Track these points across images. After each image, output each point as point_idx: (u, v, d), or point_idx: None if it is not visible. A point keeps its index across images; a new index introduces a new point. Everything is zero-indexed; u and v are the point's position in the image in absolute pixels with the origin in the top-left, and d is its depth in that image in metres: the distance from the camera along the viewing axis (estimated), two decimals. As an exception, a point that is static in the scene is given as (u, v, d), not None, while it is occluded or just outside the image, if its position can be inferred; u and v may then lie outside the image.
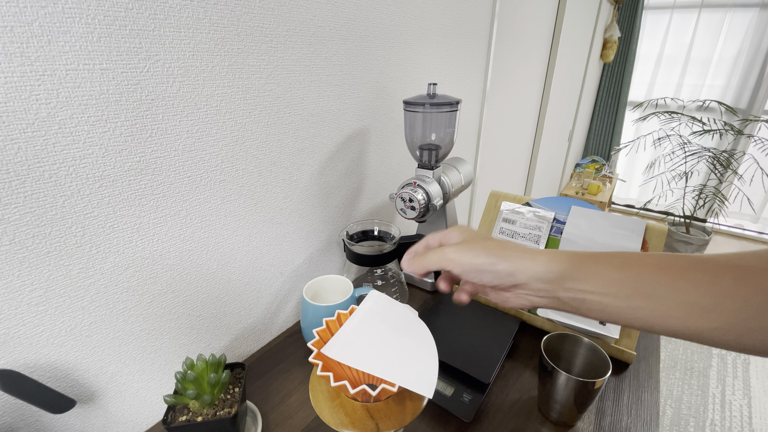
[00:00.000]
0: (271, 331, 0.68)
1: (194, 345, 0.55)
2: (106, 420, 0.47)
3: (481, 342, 0.57)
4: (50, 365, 0.41)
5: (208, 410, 0.43)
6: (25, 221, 0.36)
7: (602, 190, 2.83)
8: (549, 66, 1.83)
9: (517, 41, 1.35)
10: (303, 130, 0.61)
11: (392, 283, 0.68)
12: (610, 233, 0.63)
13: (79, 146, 0.37)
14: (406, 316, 0.40)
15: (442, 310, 0.64)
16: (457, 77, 1.04)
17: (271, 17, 0.51)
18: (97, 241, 0.41)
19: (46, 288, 0.38)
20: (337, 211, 0.74)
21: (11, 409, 0.38)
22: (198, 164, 0.48)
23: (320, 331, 0.38)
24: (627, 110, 3.07)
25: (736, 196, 2.53)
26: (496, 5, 1.09)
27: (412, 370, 0.33)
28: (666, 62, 2.87)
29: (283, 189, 0.61)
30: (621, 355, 0.58)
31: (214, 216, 0.52)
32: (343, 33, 0.63)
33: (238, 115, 0.51)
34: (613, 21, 2.75)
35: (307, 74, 0.59)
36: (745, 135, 2.41)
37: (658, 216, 3.11)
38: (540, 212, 0.69)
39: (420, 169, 0.71)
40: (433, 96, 0.65)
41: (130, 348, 0.47)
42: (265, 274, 0.63)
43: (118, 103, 0.39)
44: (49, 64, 0.34)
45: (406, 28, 0.77)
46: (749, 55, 2.58)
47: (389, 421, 0.35)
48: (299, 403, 0.53)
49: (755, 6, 2.50)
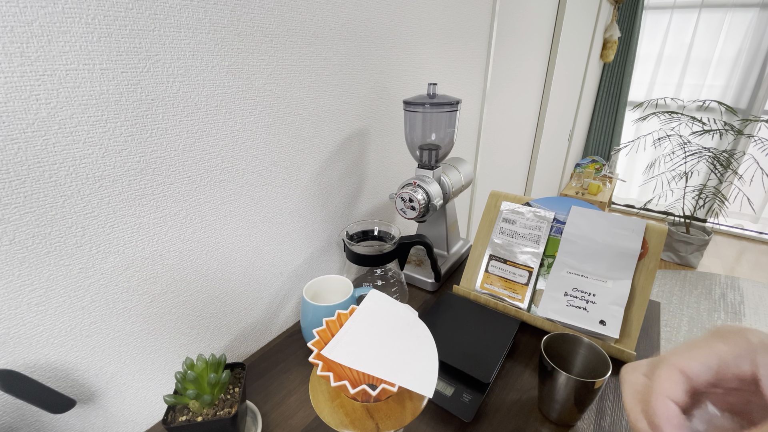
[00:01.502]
0: (271, 331, 0.68)
1: (194, 345, 0.55)
2: (106, 420, 0.47)
3: (481, 342, 0.57)
4: (50, 365, 0.41)
5: (208, 410, 0.43)
6: (25, 221, 0.36)
7: (602, 190, 2.83)
8: (549, 66, 1.83)
9: (517, 41, 1.35)
10: (303, 130, 0.61)
11: (392, 283, 0.68)
12: (610, 233, 0.63)
13: (79, 146, 0.37)
14: (406, 316, 0.40)
15: (442, 310, 0.64)
16: (457, 77, 1.04)
17: (271, 17, 0.51)
18: (97, 241, 0.41)
19: (46, 288, 0.38)
20: (337, 211, 0.74)
21: (11, 409, 0.38)
22: (198, 164, 0.48)
23: (320, 331, 0.38)
24: (627, 110, 3.07)
25: (736, 196, 2.54)
26: (496, 5, 1.09)
27: (412, 370, 0.33)
28: (666, 62, 2.87)
29: (283, 189, 0.61)
30: (621, 355, 0.58)
31: (214, 216, 0.52)
32: (343, 33, 0.63)
33: (238, 115, 0.51)
34: (613, 21, 2.75)
35: (307, 74, 0.59)
36: (745, 135, 2.41)
37: (658, 216, 3.11)
38: (540, 212, 0.69)
39: (420, 169, 0.71)
40: (433, 96, 0.65)
41: (130, 348, 0.47)
42: (265, 274, 0.63)
43: (118, 103, 0.39)
44: (49, 64, 0.34)
45: (406, 28, 0.77)
46: (749, 55, 2.59)
47: (389, 421, 0.35)
48: (299, 403, 0.53)
49: (755, 6, 2.50)
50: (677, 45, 2.79)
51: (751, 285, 2.29)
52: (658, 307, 0.72)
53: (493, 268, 0.70)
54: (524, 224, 0.69)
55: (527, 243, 0.68)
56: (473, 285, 0.70)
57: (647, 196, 3.08)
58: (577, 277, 0.62)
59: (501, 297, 0.67)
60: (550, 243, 0.67)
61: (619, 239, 0.62)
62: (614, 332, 0.57)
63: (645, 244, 0.61)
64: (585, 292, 0.61)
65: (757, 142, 2.39)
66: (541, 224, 0.68)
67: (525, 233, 0.69)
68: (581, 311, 0.60)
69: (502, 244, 0.70)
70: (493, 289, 0.68)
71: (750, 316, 2.02)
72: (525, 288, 0.66)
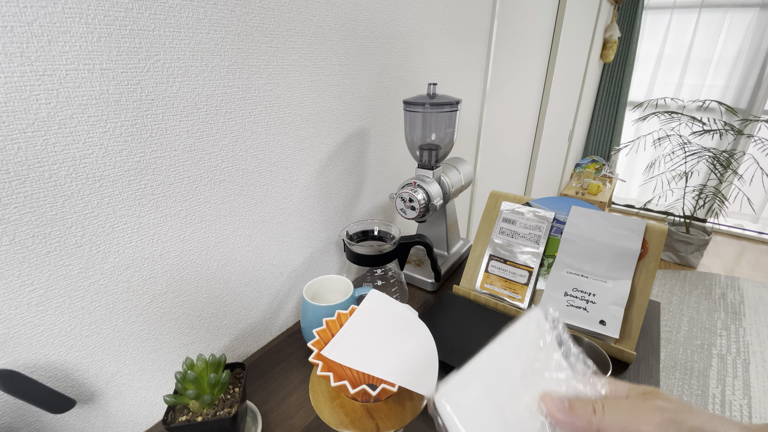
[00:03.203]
0: (271, 331, 0.68)
1: (194, 345, 0.55)
2: (106, 420, 0.47)
3: (481, 342, 0.57)
4: (50, 365, 0.41)
5: (208, 410, 0.43)
6: (25, 221, 0.36)
7: (602, 190, 2.83)
8: (549, 66, 1.83)
9: (517, 41, 1.35)
10: (303, 130, 0.61)
11: (392, 283, 0.68)
12: (610, 233, 0.63)
13: (79, 146, 0.37)
14: (406, 316, 0.40)
15: (442, 310, 0.64)
16: (457, 77, 1.04)
17: (271, 17, 0.51)
18: (97, 241, 0.41)
19: (46, 288, 0.38)
20: (337, 211, 0.74)
21: (11, 409, 0.38)
22: (198, 164, 0.48)
23: (320, 331, 0.38)
24: (627, 110, 3.06)
25: (736, 196, 2.53)
26: (496, 5, 1.09)
27: (412, 370, 0.33)
28: (666, 62, 2.87)
29: (283, 189, 0.61)
30: (621, 355, 0.58)
31: (214, 216, 0.52)
32: (343, 33, 0.63)
33: (238, 115, 0.51)
34: (613, 21, 2.74)
35: (307, 74, 0.59)
36: (745, 135, 2.41)
37: (658, 216, 3.11)
38: (540, 212, 0.69)
39: (420, 169, 0.71)
40: (433, 96, 0.65)
41: (130, 348, 0.47)
42: (265, 274, 0.63)
43: (118, 103, 0.39)
44: (49, 64, 0.34)
45: (406, 28, 0.77)
46: (749, 55, 2.58)
47: (389, 421, 0.35)
48: (299, 403, 0.53)
49: (755, 6, 2.50)
50: (677, 45, 2.79)
51: (751, 285, 2.29)
52: (658, 307, 0.72)
53: (493, 268, 0.70)
54: (524, 224, 0.69)
55: (527, 243, 0.68)
56: (473, 285, 0.70)
57: (647, 196, 3.07)
58: (577, 277, 0.62)
59: (501, 297, 0.67)
60: (550, 243, 0.67)
61: (619, 239, 0.62)
62: (614, 332, 0.57)
63: (645, 244, 0.61)
64: (585, 292, 0.61)
65: (757, 142, 2.39)
66: (541, 224, 0.68)
67: (525, 233, 0.69)
68: (581, 311, 0.60)
69: (502, 244, 0.70)
70: (493, 289, 0.68)
71: (750, 316, 2.02)
72: (525, 288, 0.66)
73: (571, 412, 0.26)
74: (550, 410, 0.27)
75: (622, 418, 0.25)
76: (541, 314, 0.32)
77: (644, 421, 0.24)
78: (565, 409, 0.26)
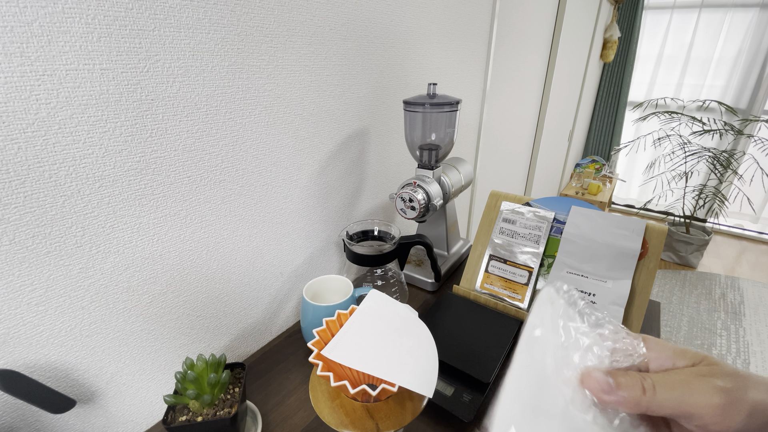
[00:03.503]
0: (271, 331, 0.68)
1: (194, 345, 0.55)
2: (106, 420, 0.47)
3: (481, 342, 0.57)
4: (50, 365, 0.41)
5: (208, 410, 0.43)
6: (25, 221, 0.36)
7: (602, 190, 2.83)
8: (549, 66, 1.83)
9: (517, 41, 1.35)
10: (303, 130, 0.61)
11: (392, 283, 0.68)
12: (610, 233, 0.63)
13: (79, 146, 0.37)
14: (406, 316, 0.40)
15: (442, 310, 0.64)
16: (457, 77, 1.04)
17: (271, 17, 0.51)
18: (97, 241, 0.41)
19: (46, 288, 0.38)
20: (337, 211, 0.74)
21: (11, 409, 0.38)
22: (198, 164, 0.48)
23: (320, 331, 0.38)
24: (627, 110, 3.07)
25: (736, 196, 2.53)
26: (496, 5, 1.09)
27: (412, 370, 0.33)
28: (666, 62, 2.87)
29: (283, 189, 0.61)
30: (621, 355, 0.58)
31: (214, 216, 0.52)
32: (343, 33, 0.63)
33: (238, 115, 0.51)
34: (613, 21, 2.75)
35: (307, 74, 0.59)
36: (745, 135, 2.41)
37: (658, 216, 3.11)
38: (540, 212, 0.69)
39: (420, 169, 0.71)
40: (433, 96, 0.65)
41: (130, 348, 0.47)
42: (265, 274, 0.63)
43: (118, 103, 0.39)
44: (49, 64, 0.34)
45: (406, 28, 0.77)
46: (749, 55, 2.59)
47: (389, 421, 0.35)
48: (299, 403, 0.53)
49: (755, 6, 2.50)
50: (677, 45, 2.79)
51: (751, 285, 2.29)
52: (658, 307, 0.72)
53: (493, 268, 0.70)
54: (524, 224, 0.69)
55: (527, 243, 0.68)
56: (473, 285, 0.70)
57: (647, 196, 3.07)
58: (577, 277, 0.62)
59: (501, 297, 0.67)
60: (550, 243, 0.67)
61: (619, 239, 0.62)
62: (614, 332, 0.57)
63: (645, 244, 0.61)
64: (585, 292, 0.61)
65: (757, 142, 2.39)
66: (541, 224, 0.68)
67: (525, 233, 0.69)
68: (581, 311, 0.60)
69: (502, 244, 0.70)
70: (493, 289, 0.68)
71: (750, 316, 2.02)
72: (525, 288, 0.66)
73: (618, 390, 0.24)
74: (596, 393, 0.25)
75: (676, 398, 0.23)
76: (553, 292, 0.31)
77: (702, 404, 0.22)
78: (611, 387, 0.24)
